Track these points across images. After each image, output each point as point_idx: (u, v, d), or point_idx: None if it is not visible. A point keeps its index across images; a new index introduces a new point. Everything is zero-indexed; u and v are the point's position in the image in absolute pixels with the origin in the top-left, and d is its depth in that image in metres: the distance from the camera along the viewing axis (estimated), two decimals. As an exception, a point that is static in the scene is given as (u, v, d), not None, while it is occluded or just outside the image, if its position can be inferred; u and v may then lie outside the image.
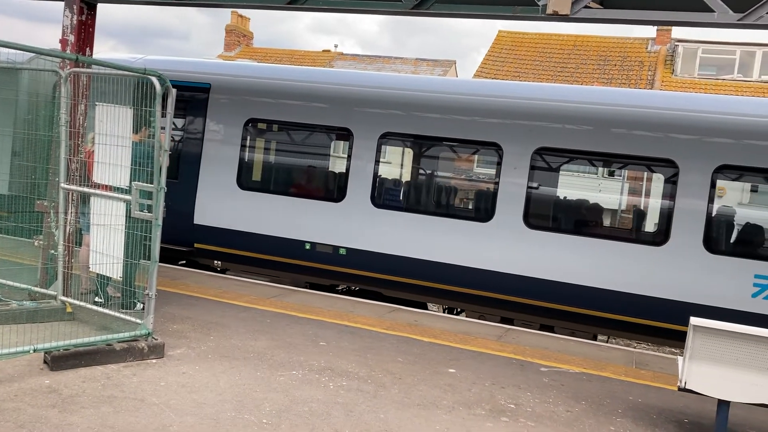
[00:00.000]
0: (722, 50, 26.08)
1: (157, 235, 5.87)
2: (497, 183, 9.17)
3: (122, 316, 6.15)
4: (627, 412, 5.73)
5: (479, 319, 9.24)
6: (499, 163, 9.17)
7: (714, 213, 8.38)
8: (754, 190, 9.07)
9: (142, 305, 6.63)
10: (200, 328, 6.87)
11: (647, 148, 8.61)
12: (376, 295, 9.96)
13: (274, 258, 10.05)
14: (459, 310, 10.08)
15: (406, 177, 10.33)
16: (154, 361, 5.71)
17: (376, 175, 9.71)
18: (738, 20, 6.05)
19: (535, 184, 9.06)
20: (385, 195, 9.90)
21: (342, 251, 9.69)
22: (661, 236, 8.58)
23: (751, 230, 8.63)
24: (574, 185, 9.72)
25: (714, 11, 6.16)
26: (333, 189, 10.10)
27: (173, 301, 7.72)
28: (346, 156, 9.92)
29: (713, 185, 8.35)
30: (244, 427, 4.57)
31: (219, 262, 10.55)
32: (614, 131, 8.78)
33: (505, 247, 9.03)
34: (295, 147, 10.53)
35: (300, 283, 10.14)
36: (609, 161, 9.10)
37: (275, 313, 7.83)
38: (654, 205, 9.24)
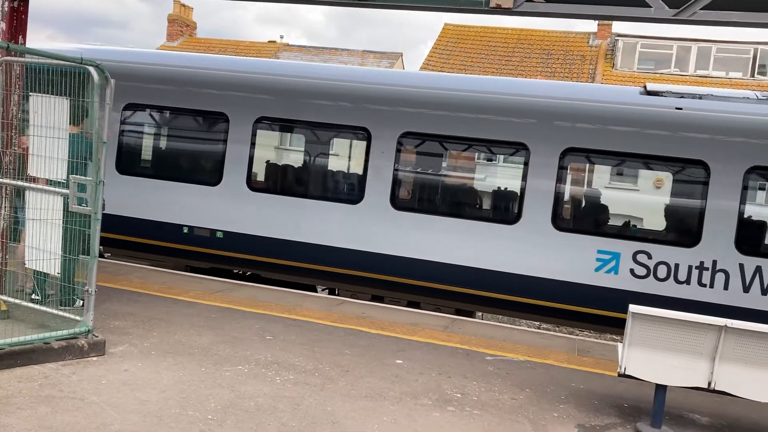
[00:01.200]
0: (660, 45, 26.87)
1: (96, 229, 5.70)
2: (366, 166, 9.53)
3: (61, 313, 5.96)
4: (570, 399, 5.86)
5: (351, 297, 9.61)
6: (368, 147, 9.54)
7: (561, 193, 8.91)
8: (598, 170, 9.57)
9: (81, 302, 6.44)
10: (143, 324, 6.72)
11: (501, 132, 9.08)
12: (256, 277, 10.24)
13: (155, 242, 10.16)
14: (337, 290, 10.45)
15: (281, 161, 10.67)
16: (94, 358, 5.56)
17: (252, 158, 9.94)
18: (673, 15, 6.24)
19: (400, 167, 9.52)
20: (260, 178, 10.17)
21: (219, 234, 9.89)
22: (514, 215, 9.09)
23: (594, 209, 9.29)
24: (437, 168, 10.13)
25: (651, 6, 6.33)
26: (210, 173, 10.20)
27: (115, 297, 7.54)
28: (223, 140, 10.10)
29: (561, 167, 8.88)
30: (188, 423, 4.49)
31: (102, 248, 10.63)
32: (471, 116, 9.21)
33: (374, 228, 9.42)
34: (173, 132, 10.67)
35: (181, 267, 10.31)
36: (468, 145, 9.54)
37: (221, 308, 7.72)
38: (509, 186, 9.69)
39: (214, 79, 10.19)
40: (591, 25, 29.75)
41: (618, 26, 27.81)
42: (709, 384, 5.08)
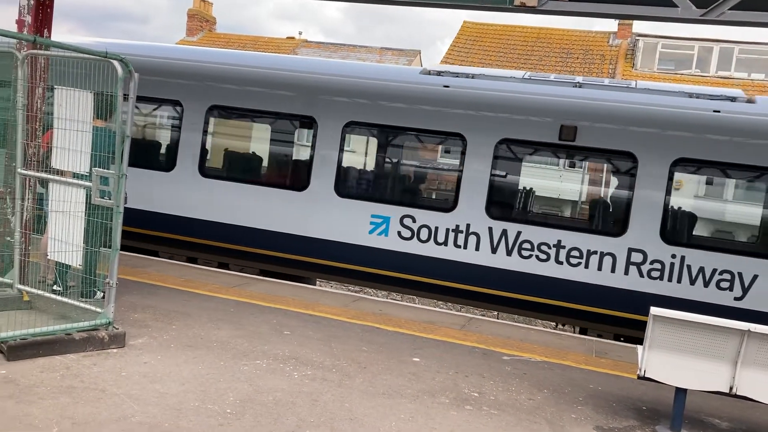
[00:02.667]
0: (681, 45, 26.61)
1: (118, 222, 5.74)
2: (179, 137, 10.43)
3: (81, 304, 6.01)
4: (588, 400, 5.83)
5: (169, 259, 10.18)
6: (180, 119, 10.46)
7: (342, 162, 9.84)
8: (375, 142, 10.42)
9: (102, 294, 6.50)
10: (162, 317, 6.77)
11: (294, 107, 10.01)
12: None
13: None
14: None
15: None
16: (114, 350, 5.61)
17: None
18: (701, 16, 6.17)
19: (209, 138, 10.41)
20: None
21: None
22: (303, 183, 9.95)
23: (369, 177, 10.29)
24: (241, 138, 10.94)
25: (677, 6, 6.26)
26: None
27: (134, 290, 7.59)
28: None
29: (343, 138, 9.87)
30: (207, 417, 4.52)
31: None
32: (268, 92, 10.09)
33: (185, 193, 10.27)
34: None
35: None
36: (266, 118, 10.30)
37: (239, 302, 7.76)
38: (299, 155, 10.51)
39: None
40: (611, 24, 29.54)
41: (639, 26, 27.60)
42: (731, 389, 5.03)
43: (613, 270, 8.70)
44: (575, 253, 8.85)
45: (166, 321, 6.65)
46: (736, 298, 8.35)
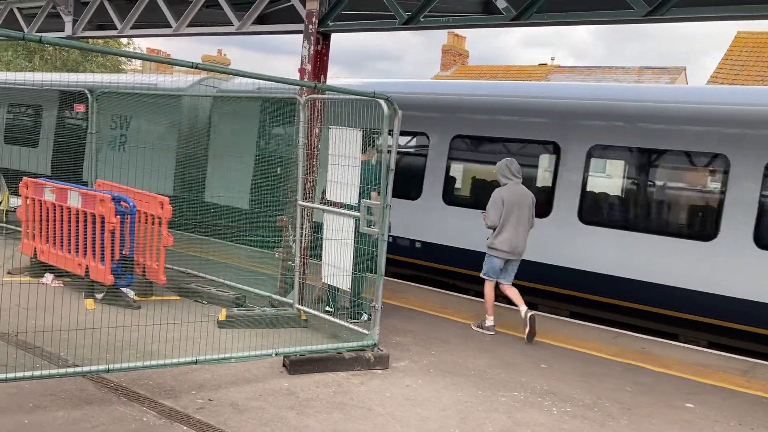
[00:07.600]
0: None
1: (383, 249, 6.09)
2: None
3: (350, 325, 6.47)
4: None
5: None
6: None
7: None
8: None
9: (367, 316, 6.93)
10: (421, 341, 7.01)
11: None
12: None
13: None
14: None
15: None
16: (379, 371, 5.91)
17: None
18: None
19: None
20: None
21: None
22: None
23: None
24: None
25: None
26: None
27: (395, 314, 7.97)
28: None
29: None
30: (467, 445, 4.54)
31: None
32: None
33: None
34: None
35: None
36: None
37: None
38: None
39: None
40: None
41: None
42: None
43: None
44: None
45: (425, 346, 6.87)
46: None
